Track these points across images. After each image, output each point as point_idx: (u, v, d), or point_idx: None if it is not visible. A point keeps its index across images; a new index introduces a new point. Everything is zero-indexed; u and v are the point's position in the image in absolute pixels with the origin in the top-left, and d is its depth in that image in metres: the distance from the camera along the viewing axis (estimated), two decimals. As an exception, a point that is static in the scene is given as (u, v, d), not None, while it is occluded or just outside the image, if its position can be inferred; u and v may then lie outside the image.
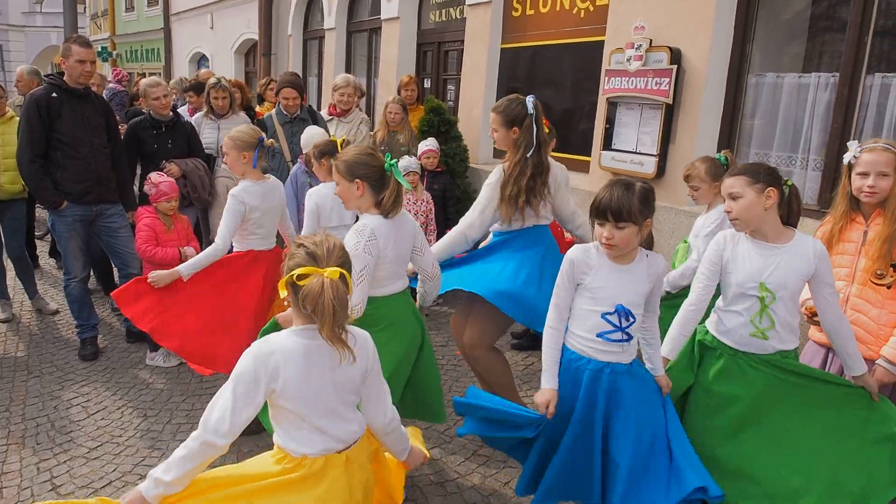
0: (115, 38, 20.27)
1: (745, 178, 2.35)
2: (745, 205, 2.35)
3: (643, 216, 2.20)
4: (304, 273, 1.80)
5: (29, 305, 5.38)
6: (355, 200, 2.69)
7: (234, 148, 3.48)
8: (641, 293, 2.31)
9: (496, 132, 3.25)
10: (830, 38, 4.16)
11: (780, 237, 2.38)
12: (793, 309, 2.40)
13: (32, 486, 3.05)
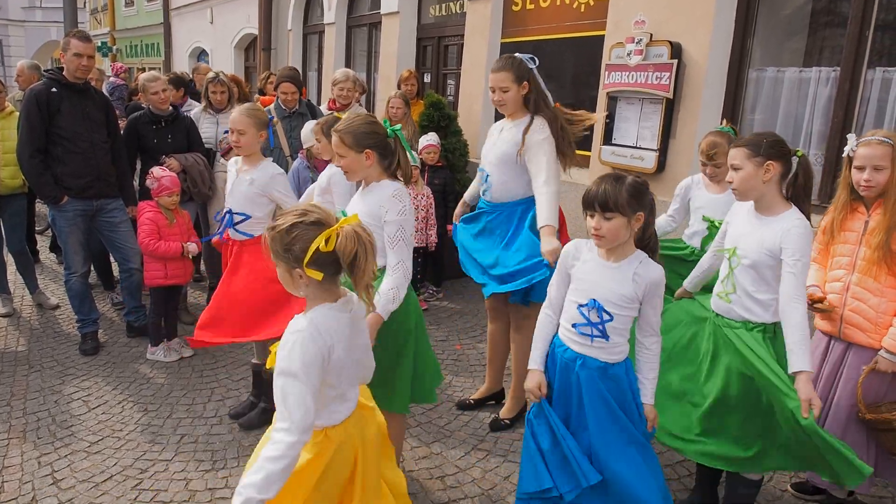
0: (115, 33, 20.23)
1: (745, 150, 2.38)
2: (743, 177, 2.38)
3: (632, 208, 2.16)
4: (329, 237, 1.71)
5: (29, 300, 5.39)
6: (363, 170, 2.61)
7: (254, 125, 3.33)
8: (620, 294, 2.22)
9: (506, 91, 3.14)
10: (831, 33, 4.15)
11: (772, 210, 2.40)
12: (758, 280, 2.39)
13: (33, 480, 3.06)
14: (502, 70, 3.16)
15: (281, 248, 1.76)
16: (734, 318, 2.48)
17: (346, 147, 2.56)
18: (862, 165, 2.59)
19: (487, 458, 3.30)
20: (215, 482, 3.07)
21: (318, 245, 1.71)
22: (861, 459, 2.64)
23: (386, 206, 2.53)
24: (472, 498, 3.00)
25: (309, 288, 1.81)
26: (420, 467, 3.22)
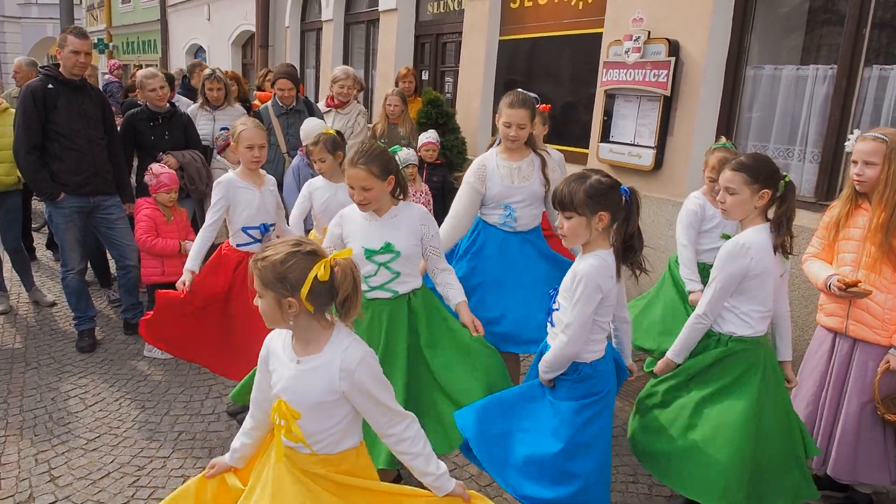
0: (112, 30, 20.18)
1: (744, 177, 2.39)
2: (738, 201, 2.42)
3: (591, 208, 2.19)
4: (324, 268, 1.72)
5: (26, 297, 5.37)
6: (385, 197, 2.60)
7: (266, 137, 3.44)
8: (565, 284, 2.30)
9: (523, 128, 3.10)
10: (828, 31, 4.16)
11: (748, 225, 2.46)
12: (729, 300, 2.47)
13: (31, 478, 3.05)
14: (523, 107, 3.07)
15: (274, 277, 1.73)
16: (723, 332, 2.53)
17: (375, 178, 2.50)
18: (856, 160, 2.63)
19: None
20: (213, 479, 3.07)
21: (315, 274, 1.70)
22: (879, 456, 2.67)
23: (425, 220, 2.64)
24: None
25: (297, 319, 1.78)
26: (418, 464, 3.21)
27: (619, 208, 2.23)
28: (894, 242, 2.53)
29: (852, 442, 2.71)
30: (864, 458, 2.72)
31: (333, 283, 1.72)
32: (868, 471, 2.74)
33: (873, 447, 2.70)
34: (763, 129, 4.39)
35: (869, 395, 2.66)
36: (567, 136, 5.79)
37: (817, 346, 2.86)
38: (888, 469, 2.74)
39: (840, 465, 2.75)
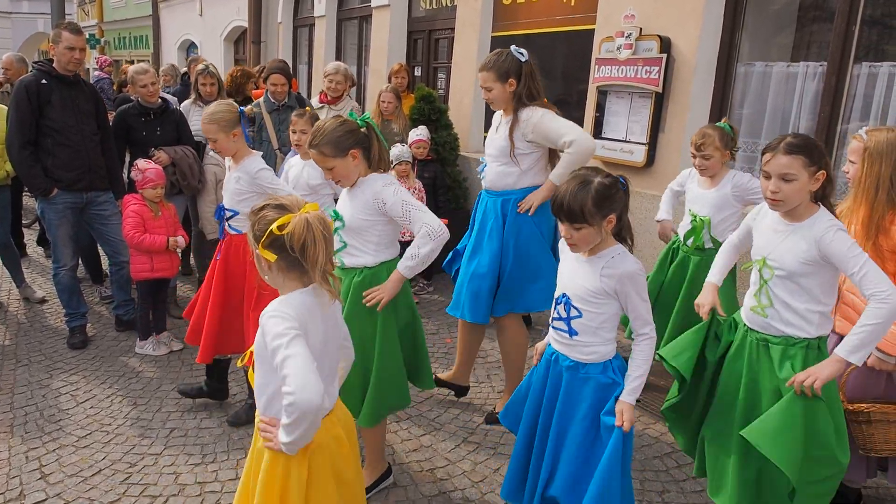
0: (103, 25, 20.05)
1: (802, 160, 2.13)
2: (798, 188, 2.15)
3: (601, 216, 2.10)
4: (284, 222, 1.75)
5: (16, 294, 5.35)
6: (354, 173, 2.61)
7: (222, 130, 3.27)
8: (588, 289, 2.18)
9: (490, 91, 3.17)
10: (818, 28, 4.18)
11: (802, 216, 2.22)
12: (797, 292, 2.22)
13: (21, 475, 3.04)
14: (485, 69, 3.17)
15: (250, 228, 1.83)
16: (773, 334, 2.30)
17: (330, 158, 2.55)
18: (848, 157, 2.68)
19: (478, 450, 3.31)
20: (205, 476, 3.07)
21: (273, 227, 1.75)
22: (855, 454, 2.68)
23: (380, 196, 2.55)
24: (463, 490, 3.01)
25: (272, 272, 1.84)
26: (410, 460, 3.23)
27: (624, 205, 2.16)
28: (880, 240, 2.54)
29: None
30: None
31: (287, 237, 1.74)
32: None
33: (852, 445, 2.72)
34: (754, 125, 4.41)
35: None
36: (559, 133, 5.80)
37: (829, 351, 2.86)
38: (865, 467, 2.75)
39: None
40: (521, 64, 3.15)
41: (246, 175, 3.29)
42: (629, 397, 2.18)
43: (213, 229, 4.90)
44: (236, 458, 3.20)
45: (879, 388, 2.66)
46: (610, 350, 2.26)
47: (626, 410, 2.17)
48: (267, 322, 1.76)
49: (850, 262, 2.11)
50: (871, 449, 2.63)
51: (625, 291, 2.16)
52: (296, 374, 1.66)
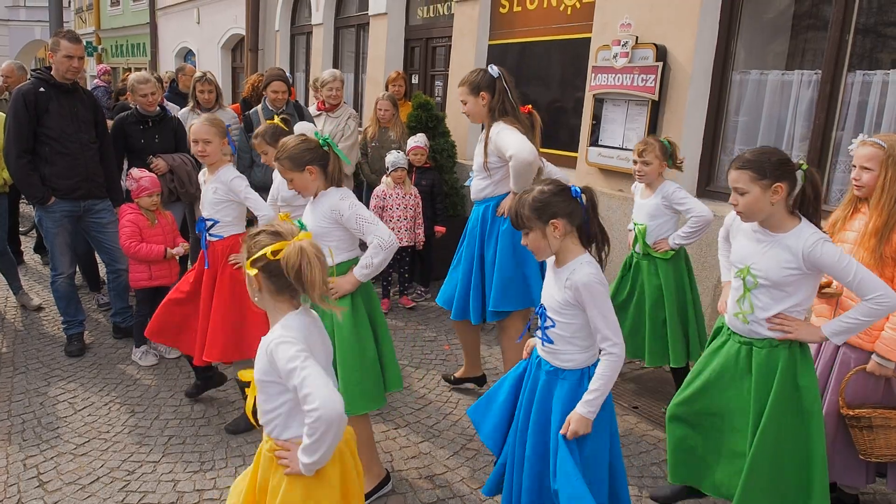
0: (101, 33, 20.08)
1: (749, 174, 2.24)
2: (750, 201, 2.26)
3: (541, 220, 2.18)
4: (278, 248, 1.81)
5: (13, 301, 5.34)
6: (312, 186, 2.84)
7: (219, 135, 3.46)
8: (557, 301, 2.24)
9: (465, 104, 3.42)
10: (813, 36, 4.22)
11: (781, 227, 2.29)
12: (782, 298, 2.30)
13: (19, 483, 3.04)
14: (461, 84, 3.42)
15: (245, 251, 1.89)
16: (756, 338, 2.38)
17: (290, 171, 2.80)
18: (854, 164, 2.67)
19: (476, 457, 3.32)
20: (203, 483, 3.07)
21: (266, 252, 1.81)
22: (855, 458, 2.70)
23: (337, 208, 2.79)
24: (462, 497, 3.01)
25: (262, 295, 1.89)
26: (409, 467, 3.23)
27: (573, 212, 2.20)
28: (886, 250, 2.55)
29: (830, 442, 2.73)
30: (841, 460, 2.75)
31: (282, 263, 1.79)
32: (844, 472, 2.76)
33: (852, 449, 2.73)
34: (749, 133, 4.44)
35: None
36: (556, 140, 5.83)
37: (814, 353, 2.89)
38: (864, 472, 2.76)
39: None
40: (494, 79, 3.36)
41: (222, 185, 3.46)
42: (582, 408, 2.20)
43: (210, 236, 4.90)
44: (234, 465, 3.19)
45: (878, 394, 2.68)
46: (588, 358, 2.28)
47: (574, 421, 2.20)
48: (276, 349, 1.78)
49: (844, 272, 2.20)
50: (871, 454, 2.65)
51: (581, 302, 2.18)
52: (318, 391, 1.70)
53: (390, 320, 5.19)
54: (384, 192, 5.24)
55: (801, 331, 2.30)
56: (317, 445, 1.73)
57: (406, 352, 4.61)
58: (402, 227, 5.25)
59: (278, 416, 1.88)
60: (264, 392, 1.87)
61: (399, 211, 5.23)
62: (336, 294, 2.79)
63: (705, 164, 4.59)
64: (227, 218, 3.51)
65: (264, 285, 1.86)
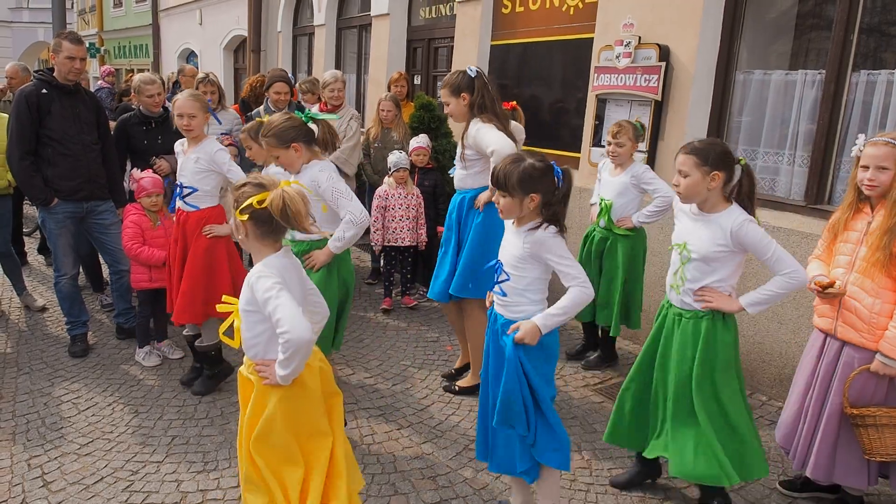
0: (103, 34, 20.11)
1: (694, 159, 2.55)
2: (689, 183, 2.57)
3: (524, 190, 2.38)
4: (262, 197, 2.06)
5: (17, 302, 5.35)
6: (297, 162, 3.10)
7: (202, 109, 3.68)
8: (514, 256, 2.48)
9: (448, 105, 3.62)
10: (817, 36, 4.21)
11: (715, 209, 2.60)
12: (708, 272, 2.62)
13: (24, 483, 3.04)
14: (442, 87, 3.65)
15: (233, 200, 2.16)
16: (686, 308, 2.71)
17: (276, 148, 3.06)
18: (867, 165, 2.63)
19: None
20: (207, 483, 3.07)
21: (252, 201, 2.07)
22: (858, 459, 2.69)
23: (316, 179, 3.04)
24: (464, 497, 3.01)
25: (248, 240, 2.17)
26: (412, 467, 3.23)
27: (551, 190, 2.41)
28: (895, 249, 2.54)
29: (832, 443, 2.74)
30: (843, 461, 2.74)
31: (269, 210, 2.06)
32: (846, 473, 2.75)
33: (855, 451, 2.72)
34: (753, 133, 4.43)
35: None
36: (558, 140, 5.82)
37: (809, 347, 2.90)
38: (867, 473, 2.75)
39: (818, 465, 2.77)
40: (473, 79, 3.56)
41: (205, 155, 3.66)
42: (539, 320, 2.43)
43: (214, 237, 4.91)
44: (238, 465, 3.19)
45: (882, 394, 2.67)
46: (536, 311, 2.49)
47: (526, 328, 2.43)
48: (256, 281, 2.10)
49: (763, 249, 2.54)
50: (875, 453, 2.64)
51: (543, 256, 2.44)
52: (288, 317, 2.02)
53: (393, 321, 5.19)
54: (386, 192, 5.24)
55: (721, 301, 2.61)
56: (287, 362, 2.06)
57: (408, 352, 4.61)
58: (404, 227, 5.25)
59: (258, 344, 2.21)
60: (246, 321, 2.20)
61: (401, 211, 5.23)
62: (315, 265, 3.10)
63: (708, 165, 4.58)
64: (205, 187, 3.71)
65: (250, 231, 2.14)
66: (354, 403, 3.83)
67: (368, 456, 3.30)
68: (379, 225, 5.24)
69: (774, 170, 4.30)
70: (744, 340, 4.14)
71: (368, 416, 3.70)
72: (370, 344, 4.74)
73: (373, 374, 4.25)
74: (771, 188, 4.32)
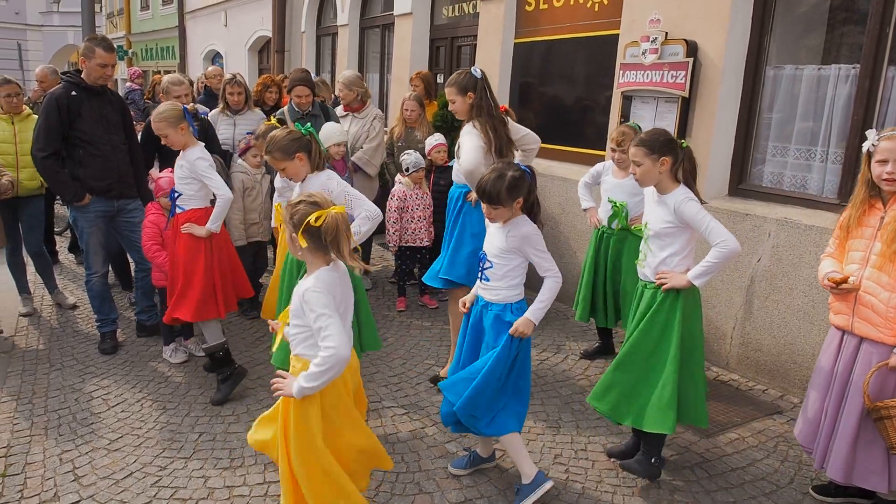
0: (131, 37, 20.44)
1: (643, 150, 2.90)
2: (643, 171, 2.93)
3: (512, 198, 2.77)
4: (319, 215, 2.26)
5: (49, 300, 5.45)
6: (302, 171, 3.31)
7: (170, 126, 3.76)
8: (498, 247, 2.85)
9: (454, 103, 3.77)
10: (850, 30, 4.11)
11: (666, 190, 2.95)
12: (662, 246, 2.96)
13: (55, 477, 3.10)
14: (448, 85, 3.79)
15: (288, 216, 2.35)
16: (650, 280, 3.02)
17: (281, 161, 3.28)
18: (884, 159, 2.58)
19: (503, 457, 3.29)
20: (233, 480, 3.09)
21: (310, 219, 2.27)
22: (879, 461, 2.63)
23: (326, 186, 3.25)
24: (489, 497, 3.00)
25: (304, 251, 2.34)
26: (436, 466, 3.22)
27: (528, 189, 2.81)
28: None
29: (850, 442, 2.69)
30: (863, 462, 2.69)
31: (322, 229, 2.26)
32: (865, 475, 2.70)
33: (875, 451, 2.67)
34: (783, 129, 4.35)
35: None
36: (583, 139, 5.78)
37: (827, 344, 2.87)
38: (888, 476, 2.69)
39: (837, 465, 2.73)
40: (477, 80, 3.72)
41: (187, 163, 3.81)
42: (531, 314, 2.81)
43: (238, 235, 4.95)
44: (263, 462, 3.21)
45: None
46: (514, 295, 2.89)
47: (521, 323, 2.81)
48: (311, 296, 2.27)
49: (699, 223, 2.85)
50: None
51: (524, 249, 2.83)
52: (336, 336, 2.22)
53: (416, 320, 5.19)
54: (404, 192, 5.25)
55: (674, 279, 2.91)
56: (320, 375, 2.22)
57: (433, 351, 4.61)
58: (422, 227, 5.27)
59: (295, 340, 2.41)
60: (295, 320, 2.38)
61: (419, 211, 5.26)
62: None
63: (737, 162, 4.50)
64: (189, 192, 3.84)
65: (308, 244, 2.32)
66: (379, 402, 3.84)
67: (393, 455, 3.29)
68: (398, 226, 5.26)
69: (806, 167, 4.21)
70: (774, 342, 4.07)
71: (392, 415, 3.70)
72: (394, 343, 4.74)
73: (396, 373, 4.25)
74: (802, 186, 4.23)
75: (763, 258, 4.11)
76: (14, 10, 27.00)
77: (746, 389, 4.12)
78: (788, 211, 4.08)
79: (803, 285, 3.89)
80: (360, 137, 5.67)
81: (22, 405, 3.76)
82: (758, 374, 4.20)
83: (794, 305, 3.95)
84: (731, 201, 4.41)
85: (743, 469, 3.26)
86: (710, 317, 4.34)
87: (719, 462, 3.31)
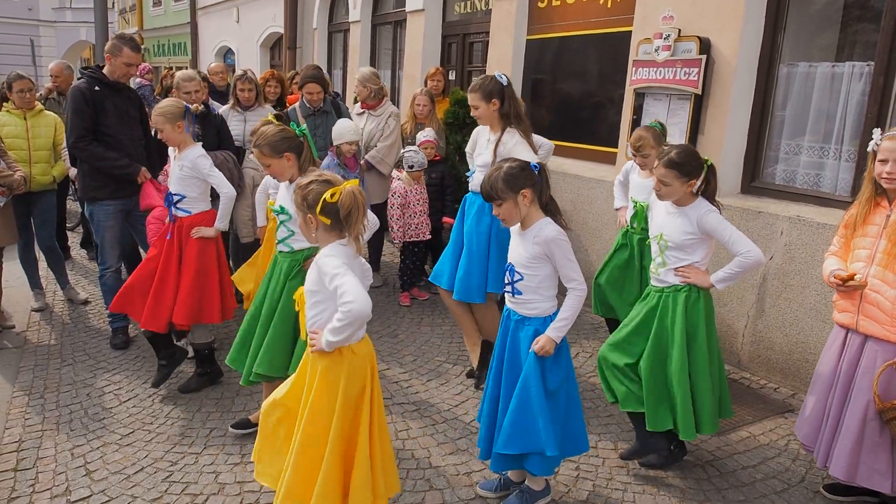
0: (143, 33, 20.52)
1: (675, 173, 2.88)
2: (670, 192, 2.94)
3: (513, 190, 2.58)
4: (334, 191, 2.24)
5: (61, 295, 5.49)
6: (287, 171, 3.17)
7: (168, 122, 3.68)
8: (526, 256, 2.64)
9: (477, 109, 3.67)
10: (864, 27, 4.06)
11: (685, 203, 2.96)
12: (683, 255, 2.96)
13: (67, 472, 3.12)
14: (472, 90, 3.68)
15: (300, 198, 2.31)
16: (666, 286, 3.02)
17: (268, 157, 3.14)
18: (885, 158, 2.62)
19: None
20: (244, 475, 3.10)
21: (326, 196, 2.24)
22: (884, 462, 2.61)
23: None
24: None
25: (319, 231, 2.33)
26: (447, 463, 3.22)
27: (535, 183, 2.62)
28: None
29: (854, 441, 2.67)
30: (868, 461, 2.67)
31: (338, 204, 2.24)
32: (869, 474, 2.68)
33: (880, 452, 2.66)
34: (797, 127, 4.31)
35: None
36: (595, 136, 5.75)
37: (830, 343, 2.87)
38: (891, 477, 2.67)
39: (840, 464, 2.71)
40: (504, 87, 3.62)
41: (188, 161, 3.71)
42: (552, 332, 2.63)
43: (248, 232, 4.97)
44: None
45: None
46: (550, 307, 2.70)
47: (542, 340, 2.62)
48: (324, 262, 2.27)
49: (723, 234, 2.90)
50: None
51: (551, 253, 2.62)
52: (353, 290, 2.17)
53: (427, 316, 5.19)
54: (404, 188, 5.26)
55: (697, 277, 2.95)
56: (342, 329, 2.20)
57: (443, 348, 4.61)
58: (422, 222, 5.31)
59: (317, 323, 2.36)
60: (309, 300, 2.37)
61: (419, 206, 5.30)
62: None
63: (750, 160, 4.47)
64: (192, 193, 3.75)
65: (320, 224, 2.29)
66: (389, 398, 3.84)
67: (403, 451, 3.30)
68: (401, 222, 5.27)
69: (819, 165, 4.18)
70: (786, 340, 4.04)
71: (403, 412, 3.71)
72: (405, 339, 4.75)
73: (407, 370, 4.25)
74: (815, 183, 4.19)
75: (775, 256, 4.08)
76: (27, 7, 27.17)
77: (758, 388, 4.09)
78: (801, 209, 4.04)
79: (816, 283, 3.86)
80: (374, 135, 5.66)
81: (34, 400, 3.79)
82: (769, 373, 4.17)
83: (806, 304, 3.92)
84: (743, 199, 4.38)
85: (754, 467, 3.24)
86: (722, 315, 4.31)
87: (730, 460, 3.30)
